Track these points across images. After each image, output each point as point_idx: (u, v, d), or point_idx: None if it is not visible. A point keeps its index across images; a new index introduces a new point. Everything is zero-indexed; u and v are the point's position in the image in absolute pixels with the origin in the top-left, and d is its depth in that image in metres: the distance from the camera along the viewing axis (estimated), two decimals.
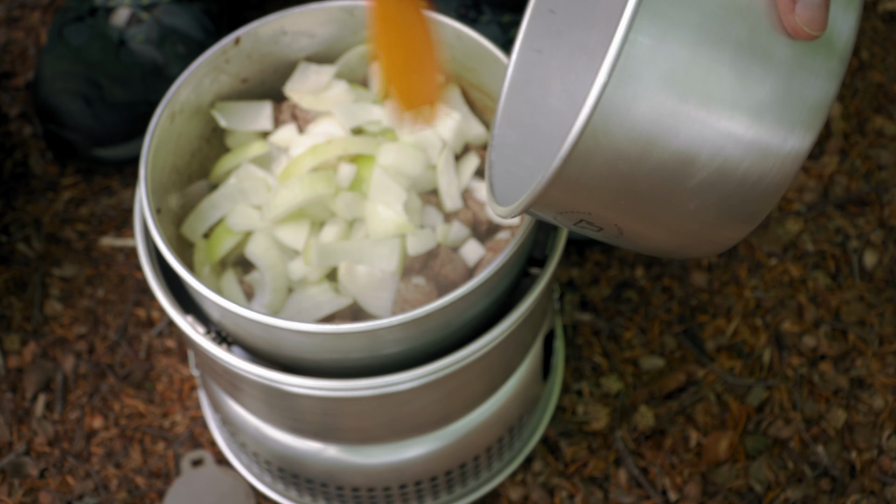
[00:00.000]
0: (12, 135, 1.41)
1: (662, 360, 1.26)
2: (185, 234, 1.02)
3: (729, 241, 0.77)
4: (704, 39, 0.67)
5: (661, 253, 0.79)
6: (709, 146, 0.69)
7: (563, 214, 0.74)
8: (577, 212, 0.73)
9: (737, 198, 0.72)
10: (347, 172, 0.99)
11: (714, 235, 0.75)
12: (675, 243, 0.76)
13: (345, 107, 1.03)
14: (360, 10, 1.04)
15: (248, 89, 1.07)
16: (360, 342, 0.90)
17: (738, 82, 0.68)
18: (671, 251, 0.78)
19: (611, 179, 0.69)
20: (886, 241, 1.32)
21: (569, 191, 0.70)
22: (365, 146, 1.00)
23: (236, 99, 1.06)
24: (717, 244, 0.77)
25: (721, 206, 0.72)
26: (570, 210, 0.73)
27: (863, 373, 1.25)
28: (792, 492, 1.18)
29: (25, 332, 1.29)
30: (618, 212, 0.73)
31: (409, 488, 1.12)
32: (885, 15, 1.49)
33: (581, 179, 0.69)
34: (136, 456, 1.23)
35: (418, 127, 0.97)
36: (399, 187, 0.97)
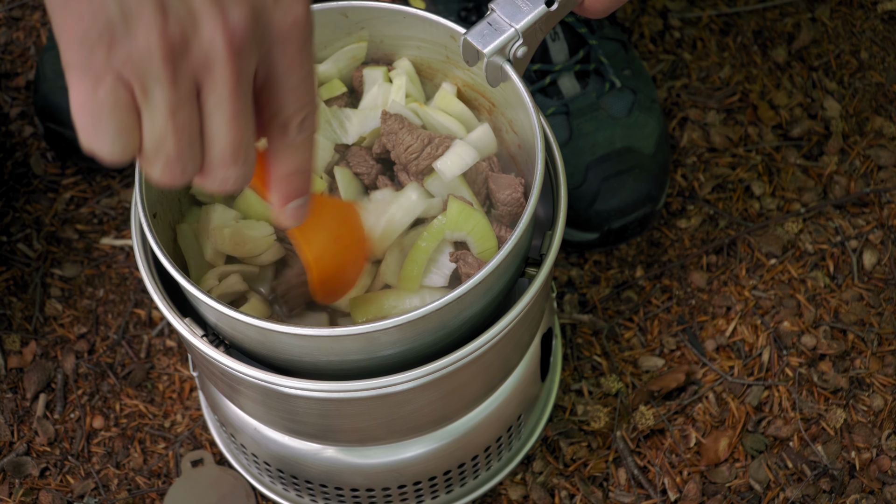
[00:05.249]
0: (13, 135, 1.42)
1: (662, 360, 1.26)
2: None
3: None
4: None
5: None
6: None
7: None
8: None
9: None
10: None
11: None
12: None
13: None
14: (355, 11, 1.04)
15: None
16: (356, 345, 0.90)
17: None
18: None
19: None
20: (885, 241, 1.32)
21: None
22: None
23: None
24: None
25: None
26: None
27: (862, 372, 1.24)
28: (791, 491, 1.18)
29: (26, 332, 1.29)
30: None
31: (408, 488, 1.12)
32: (884, 15, 1.48)
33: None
34: (137, 456, 1.23)
35: (330, 301, 0.98)
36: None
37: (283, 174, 0.76)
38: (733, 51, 1.46)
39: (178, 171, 0.70)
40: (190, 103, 0.68)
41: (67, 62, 0.66)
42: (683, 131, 1.40)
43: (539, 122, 0.95)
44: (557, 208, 0.99)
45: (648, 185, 1.28)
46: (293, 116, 0.74)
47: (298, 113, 0.74)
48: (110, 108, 0.67)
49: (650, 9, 1.49)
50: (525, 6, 0.95)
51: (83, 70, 0.66)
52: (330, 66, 1.06)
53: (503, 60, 0.97)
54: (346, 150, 1.05)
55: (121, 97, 0.67)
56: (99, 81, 0.66)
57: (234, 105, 0.69)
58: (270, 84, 0.72)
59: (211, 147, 0.70)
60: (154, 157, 0.69)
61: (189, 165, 0.70)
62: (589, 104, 1.30)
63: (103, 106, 0.67)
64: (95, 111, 0.67)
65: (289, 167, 0.76)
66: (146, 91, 0.67)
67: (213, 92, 0.69)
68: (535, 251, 1.00)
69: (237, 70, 0.68)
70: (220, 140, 0.70)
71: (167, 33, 0.66)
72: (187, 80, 0.68)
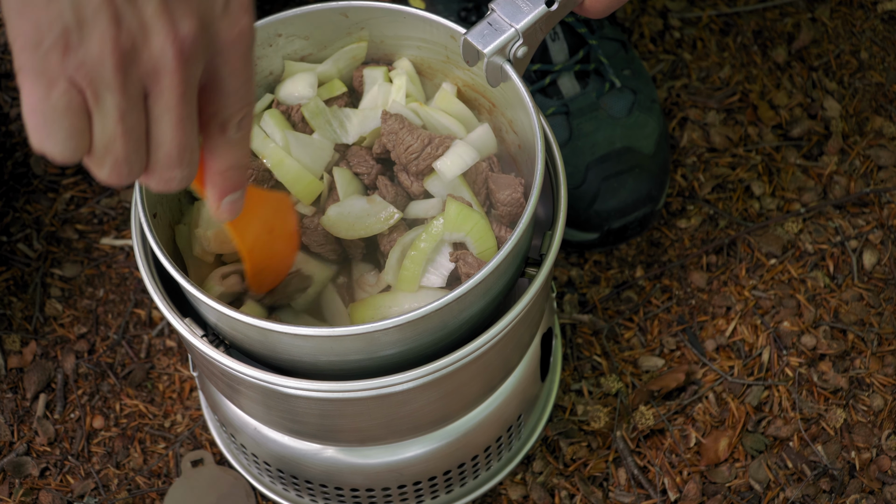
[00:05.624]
0: (13, 135, 1.42)
1: (662, 360, 1.26)
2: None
3: None
4: None
5: None
6: None
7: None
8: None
9: None
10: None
11: None
12: None
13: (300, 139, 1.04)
14: (355, 11, 1.04)
15: None
16: (356, 345, 0.90)
17: None
18: None
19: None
20: (885, 241, 1.32)
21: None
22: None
23: None
24: None
25: None
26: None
27: (862, 372, 1.24)
28: (791, 491, 1.18)
29: (26, 332, 1.29)
30: None
31: (408, 488, 1.12)
32: (884, 15, 1.48)
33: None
34: (137, 456, 1.23)
35: (264, 290, 0.99)
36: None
37: (221, 170, 0.79)
38: (733, 51, 1.46)
39: (125, 172, 0.73)
40: (138, 108, 0.71)
41: (21, 66, 0.69)
42: (683, 131, 1.40)
43: (539, 123, 0.95)
44: (557, 208, 0.99)
45: (648, 185, 1.28)
46: (232, 116, 0.77)
47: (237, 113, 0.77)
48: (62, 111, 0.69)
49: (650, 9, 1.49)
50: (525, 6, 0.96)
51: (37, 74, 0.68)
52: (330, 66, 1.06)
53: (503, 60, 0.97)
54: (346, 149, 1.05)
55: (73, 101, 0.69)
56: (52, 86, 0.69)
57: (180, 111, 0.72)
58: (212, 87, 0.75)
59: (157, 149, 0.74)
60: (102, 159, 0.72)
61: (135, 166, 0.73)
62: (589, 104, 1.30)
63: (56, 109, 0.69)
64: (48, 114, 0.69)
65: (226, 163, 0.79)
66: (97, 96, 0.70)
67: (160, 98, 0.72)
68: (535, 251, 1.00)
69: (184, 78, 0.71)
70: (165, 143, 0.73)
71: (119, 42, 0.69)
72: (136, 86, 0.71)
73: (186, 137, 0.73)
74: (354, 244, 1.01)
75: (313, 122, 1.04)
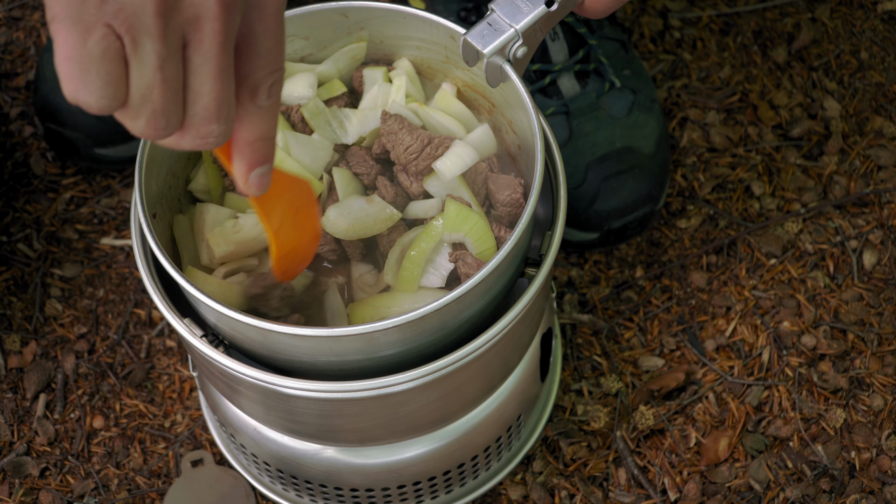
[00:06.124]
0: (13, 135, 1.42)
1: (662, 360, 1.26)
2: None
3: None
4: None
5: None
6: None
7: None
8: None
9: None
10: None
11: None
12: None
13: (302, 140, 1.04)
14: (354, 11, 1.04)
15: None
16: (356, 345, 0.90)
17: None
18: None
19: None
20: (885, 241, 1.32)
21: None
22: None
23: None
24: None
25: None
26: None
27: (862, 372, 1.24)
28: (791, 491, 1.18)
29: (26, 332, 1.29)
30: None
31: (408, 488, 1.12)
32: (884, 15, 1.48)
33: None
34: (137, 456, 1.23)
35: (290, 277, 0.98)
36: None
37: (250, 139, 0.77)
38: (733, 51, 1.46)
39: (162, 124, 0.71)
40: (177, 57, 0.69)
41: (55, 14, 0.66)
42: (683, 131, 1.40)
43: (539, 123, 0.95)
44: (557, 208, 0.99)
45: (648, 185, 1.28)
46: (264, 80, 0.75)
47: (269, 77, 0.75)
48: (99, 58, 0.67)
49: (650, 9, 1.49)
50: (525, 6, 0.95)
51: (73, 21, 0.66)
52: (330, 66, 1.06)
53: (503, 61, 0.97)
54: (346, 150, 1.05)
55: (110, 48, 0.67)
56: (89, 32, 0.66)
57: (220, 61, 0.70)
58: (245, 46, 0.73)
59: (195, 101, 0.71)
60: (140, 109, 0.70)
61: (172, 118, 0.71)
62: (589, 104, 1.30)
63: (92, 56, 0.67)
64: (84, 61, 0.67)
65: (255, 132, 0.77)
66: (136, 43, 0.67)
67: (199, 47, 0.70)
68: (535, 251, 1.00)
69: (225, 27, 0.69)
70: (204, 95, 0.71)
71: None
72: (176, 34, 0.69)
73: (225, 89, 0.71)
74: (354, 244, 1.01)
75: (313, 122, 1.04)
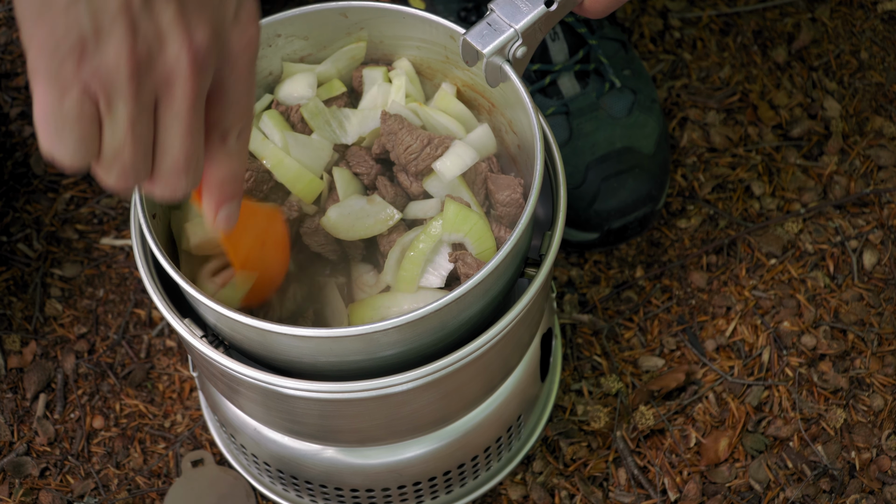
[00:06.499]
0: (13, 135, 1.42)
1: (662, 360, 1.26)
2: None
3: None
4: None
5: None
6: None
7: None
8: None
9: None
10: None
11: None
12: None
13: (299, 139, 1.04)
14: (354, 12, 1.04)
15: None
16: (356, 346, 0.90)
17: None
18: None
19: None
20: (885, 241, 1.32)
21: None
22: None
23: None
24: None
25: None
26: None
27: (862, 372, 1.24)
28: (791, 491, 1.18)
29: (26, 332, 1.29)
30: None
31: (408, 489, 1.12)
32: (884, 15, 1.48)
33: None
34: (137, 456, 1.23)
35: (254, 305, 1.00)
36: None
37: (219, 180, 0.79)
38: (733, 51, 1.46)
39: (132, 178, 0.73)
40: (148, 116, 0.72)
41: (35, 70, 0.69)
42: (683, 131, 1.40)
43: (538, 123, 0.95)
44: (557, 208, 0.99)
45: (648, 185, 1.28)
46: (234, 126, 0.77)
47: (238, 122, 0.77)
48: (75, 117, 0.69)
49: (650, 9, 1.49)
50: (524, 6, 0.95)
51: (51, 79, 0.68)
52: (329, 66, 1.06)
53: (503, 61, 0.97)
54: (346, 150, 1.05)
55: (85, 108, 0.69)
56: (66, 92, 0.69)
57: (190, 119, 0.73)
58: (216, 94, 0.75)
59: (164, 157, 0.74)
60: (111, 165, 0.72)
61: (141, 173, 0.74)
62: (589, 104, 1.30)
63: (68, 115, 0.69)
64: (60, 120, 0.69)
65: (224, 173, 0.79)
66: (110, 104, 0.70)
67: (171, 106, 0.72)
68: (535, 251, 1.00)
69: (197, 87, 0.72)
70: (173, 151, 0.73)
71: (135, 50, 0.69)
72: (148, 94, 0.71)
73: (194, 146, 0.74)
74: (354, 245, 1.02)
75: (312, 122, 1.04)
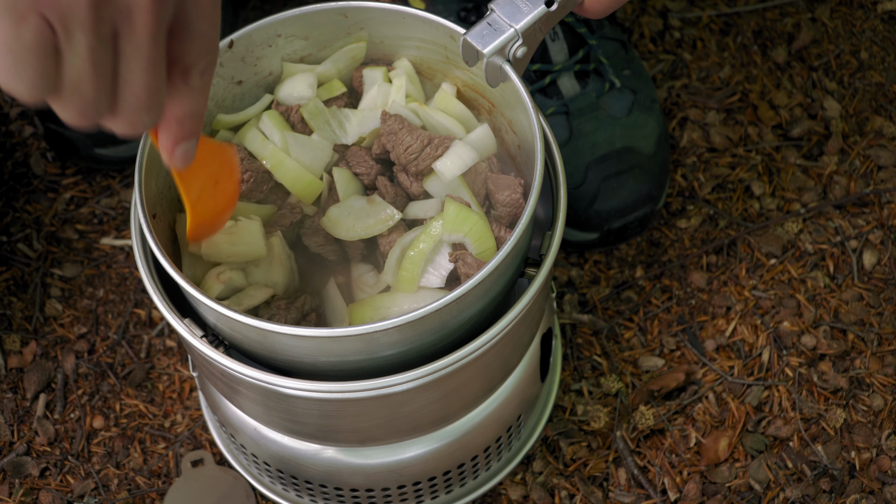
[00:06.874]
0: (13, 135, 1.42)
1: (662, 360, 1.26)
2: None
3: None
4: None
5: None
6: None
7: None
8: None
9: None
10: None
11: None
12: None
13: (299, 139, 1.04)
14: (354, 12, 1.04)
15: (242, 92, 1.07)
16: (356, 345, 0.90)
17: None
18: None
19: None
20: (885, 241, 1.32)
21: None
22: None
23: (231, 101, 1.06)
24: None
25: None
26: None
27: (862, 372, 1.24)
28: (791, 491, 1.18)
29: (26, 332, 1.29)
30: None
31: (408, 489, 1.12)
32: (884, 15, 1.48)
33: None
34: (137, 456, 1.23)
35: (202, 241, 0.99)
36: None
37: (178, 117, 0.78)
38: (733, 51, 1.46)
39: (91, 112, 0.72)
40: (108, 47, 0.70)
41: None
42: (683, 131, 1.40)
43: (538, 123, 0.95)
44: (557, 208, 0.99)
45: (648, 185, 1.28)
46: (196, 62, 0.76)
47: (201, 59, 0.76)
48: (32, 48, 0.68)
49: (650, 9, 1.49)
50: (525, 6, 0.95)
51: (7, 9, 0.67)
52: (329, 67, 1.06)
53: (503, 61, 0.97)
54: (346, 150, 1.05)
55: (43, 38, 0.68)
56: (22, 21, 0.67)
57: (151, 51, 0.71)
58: (178, 31, 0.74)
59: (125, 91, 0.72)
60: (70, 98, 0.71)
61: (102, 107, 0.72)
62: (589, 104, 1.30)
63: (25, 46, 0.68)
64: (17, 51, 0.68)
65: (184, 110, 0.78)
66: (69, 33, 0.68)
67: (131, 38, 0.70)
68: (535, 251, 1.00)
69: (156, 17, 0.70)
70: (134, 85, 0.72)
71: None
72: (108, 25, 0.69)
73: (155, 79, 0.72)
74: (354, 245, 1.02)
75: (312, 122, 1.04)
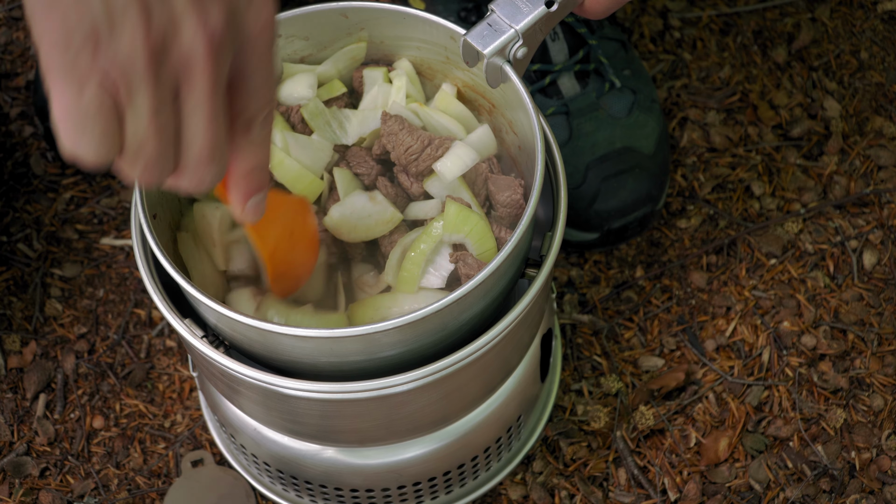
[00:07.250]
0: (13, 135, 1.42)
1: (662, 360, 1.26)
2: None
3: None
4: None
5: None
6: None
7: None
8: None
9: None
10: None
11: None
12: None
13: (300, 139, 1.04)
14: (354, 12, 1.04)
15: None
16: (356, 346, 0.90)
17: None
18: None
19: None
20: (885, 241, 1.32)
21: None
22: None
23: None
24: None
25: None
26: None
27: (862, 372, 1.25)
28: (791, 491, 1.18)
29: (26, 332, 1.29)
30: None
31: (408, 489, 1.12)
32: (884, 15, 1.48)
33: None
34: (137, 456, 1.23)
35: (290, 294, 0.99)
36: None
37: (245, 171, 0.78)
38: (733, 51, 1.46)
39: (157, 171, 0.71)
40: (169, 105, 0.70)
41: (49, 66, 0.66)
42: (683, 131, 1.40)
43: (539, 123, 0.95)
44: (557, 209, 0.99)
45: (648, 185, 1.28)
46: (257, 114, 0.75)
47: (262, 111, 0.75)
48: (95, 111, 0.67)
49: (650, 9, 1.49)
50: (525, 7, 0.95)
51: (67, 74, 0.66)
52: (330, 67, 1.06)
53: (503, 61, 0.97)
54: (346, 150, 1.05)
55: (105, 100, 0.67)
56: (84, 85, 0.67)
57: (212, 106, 0.71)
58: (237, 84, 0.74)
59: (189, 147, 0.72)
60: (135, 159, 0.70)
61: (167, 165, 0.72)
62: (589, 104, 1.30)
63: (88, 110, 0.67)
64: (80, 115, 0.67)
65: (250, 164, 0.77)
66: (130, 93, 0.68)
67: (192, 93, 0.70)
68: (535, 252, 1.00)
69: (215, 71, 0.70)
70: (197, 140, 0.72)
71: (150, 35, 0.67)
72: (168, 83, 0.69)
73: (217, 134, 0.72)
74: (355, 245, 1.02)
75: (312, 122, 1.04)
